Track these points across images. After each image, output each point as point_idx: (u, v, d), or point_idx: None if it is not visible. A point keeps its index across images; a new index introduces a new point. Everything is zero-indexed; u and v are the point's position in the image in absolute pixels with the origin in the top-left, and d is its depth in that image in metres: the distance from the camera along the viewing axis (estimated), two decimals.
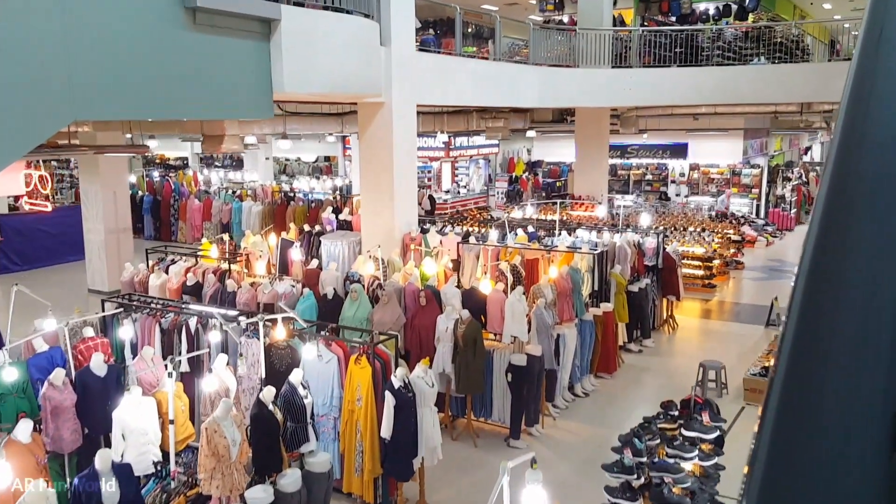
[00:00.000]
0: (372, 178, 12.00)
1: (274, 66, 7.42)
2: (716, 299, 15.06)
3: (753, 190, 24.26)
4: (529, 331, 8.67)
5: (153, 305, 8.14)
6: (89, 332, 6.98)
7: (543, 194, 25.61)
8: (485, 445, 8.35)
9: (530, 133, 22.16)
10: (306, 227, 13.21)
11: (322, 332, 7.11)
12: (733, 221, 21.17)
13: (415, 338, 8.63)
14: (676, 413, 5.94)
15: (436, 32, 24.91)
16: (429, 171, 29.65)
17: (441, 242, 11.73)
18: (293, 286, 9.72)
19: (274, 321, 7.10)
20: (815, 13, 28.86)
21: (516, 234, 12.78)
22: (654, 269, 12.61)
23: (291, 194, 21.50)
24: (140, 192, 23.60)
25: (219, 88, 7.06)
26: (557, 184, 25.71)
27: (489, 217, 19.42)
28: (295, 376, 5.99)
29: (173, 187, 23.41)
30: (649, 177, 26.24)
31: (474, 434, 8.48)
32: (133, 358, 8.08)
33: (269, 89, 7.46)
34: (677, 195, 25.21)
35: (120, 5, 6.14)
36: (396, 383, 6.26)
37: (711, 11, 21.99)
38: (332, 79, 8.08)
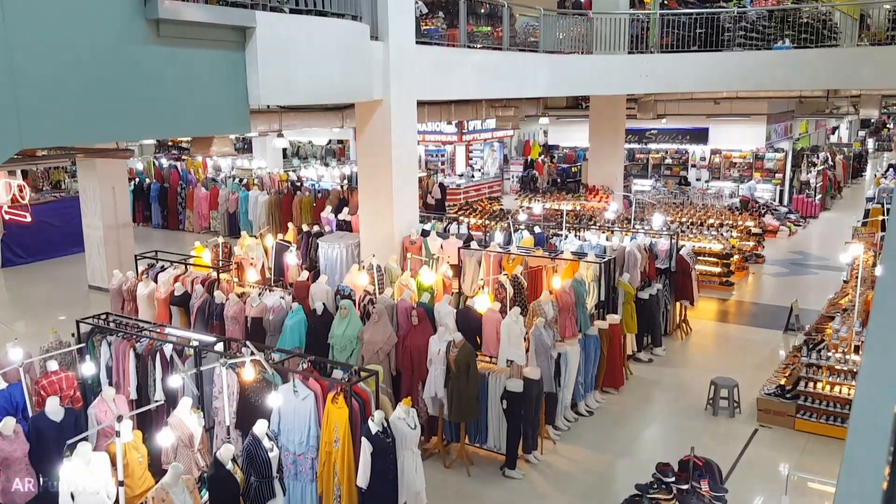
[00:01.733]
0: (370, 178, 11.51)
1: (249, 77, 6.91)
2: (733, 299, 14.43)
3: (777, 175, 23.38)
4: (528, 352, 8.18)
5: (128, 329, 7.76)
6: (53, 365, 6.61)
7: (558, 180, 24.91)
8: (479, 475, 7.91)
9: (543, 120, 21.44)
10: (305, 227, 12.76)
11: (301, 364, 6.67)
12: (754, 211, 20.39)
13: (406, 358, 8.18)
14: (673, 479, 5.42)
15: (446, 14, 24.21)
16: (442, 155, 29.06)
17: (441, 247, 11.24)
18: (283, 298, 9.30)
19: (255, 349, 6.68)
20: None
21: (521, 236, 12.24)
22: (667, 271, 12.03)
23: (299, 183, 21.04)
24: (148, 180, 23.30)
25: (189, 104, 6.57)
26: (573, 169, 24.98)
27: (500, 209, 18.85)
28: (259, 427, 5.57)
29: (181, 174, 23.07)
30: (669, 161, 25.42)
31: (468, 461, 8.04)
32: (110, 383, 7.76)
33: (245, 101, 6.95)
34: (698, 180, 24.40)
35: (72, 19, 5.65)
36: (374, 428, 5.82)
37: None
38: (315, 86, 7.56)
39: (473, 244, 11.12)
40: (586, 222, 15.87)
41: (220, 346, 7.20)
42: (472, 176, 28.77)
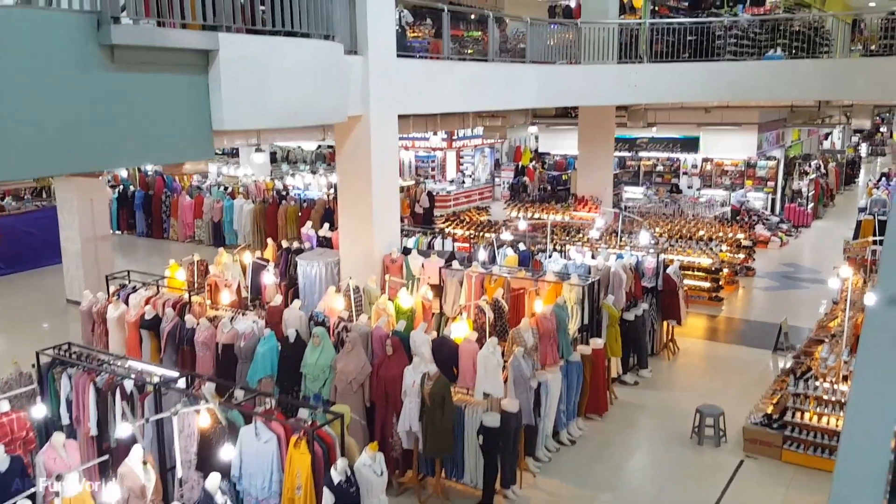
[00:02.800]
0: (350, 195, 11.22)
1: (213, 101, 6.61)
2: (722, 315, 14.18)
3: (769, 183, 23.16)
4: (506, 382, 7.91)
5: (89, 361, 7.46)
6: (4, 406, 6.30)
7: (548, 187, 24.66)
8: None
9: (532, 129, 21.17)
10: (284, 244, 12.46)
11: (267, 403, 6.39)
12: (746, 220, 20.15)
13: (381, 389, 7.90)
14: None
15: (434, 20, 23.95)
16: (432, 161, 28.80)
17: (423, 266, 10.95)
18: (255, 323, 9.01)
19: (216, 390, 6.40)
20: None
21: (505, 254, 11.97)
22: (654, 290, 11.77)
23: (284, 192, 20.73)
24: (132, 187, 22.97)
25: (148, 131, 6.28)
26: (563, 176, 24.72)
27: (487, 219, 18.58)
28: (211, 482, 5.29)
29: (165, 182, 22.73)
30: (660, 168, 25.19)
31: (444, 497, 7.77)
32: (70, 417, 7.48)
33: (208, 127, 6.66)
34: (689, 187, 24.16)
35: (20, 47, 5.35)
36: (336, 477, 5.54)
37: None
38: (284, 110, 7.27)
39: (455, 264, 10.84)
40: (573, 236, 15.63)
41: (183, 382, 6.92)
42: (463, 182, 28.51)
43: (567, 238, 15.90)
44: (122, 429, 5.70)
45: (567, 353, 9.02)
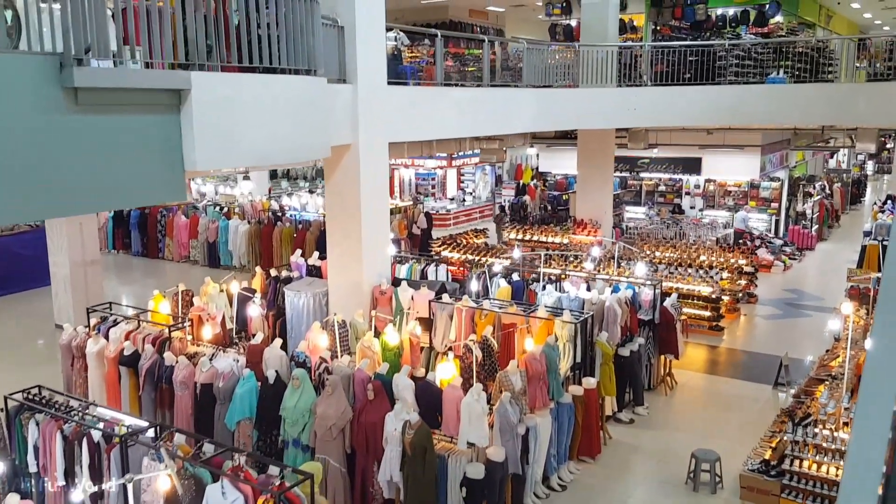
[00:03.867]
0: (338, 225, 10.98)
1: (185, 142, 6.36)
2: (723, 345, 13.84)
3: (773, 204, 22.83)
4: (492, 428, 7.61)
5: (57, 407, 7.19)
6: None
7: (549, 207, 24.39)
8: None
9: (531, 150, 20.91)
10: (273, 272, 12.21)
11: (236, 457, 6.10)
12: (748, 244, 19.82)
13: (361, 435, 7.60)
14: None
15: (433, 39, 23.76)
16: (433, 179, 28.59)
17: (412, 299, 10.67)
18: (236, 361, 8.74)
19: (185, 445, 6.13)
20: (843, 13, 27.14)
21: (498, 285, 11.69)
22: (651, 323, 11.46)
23: (280, 213, 20.50)
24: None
25: (116, 175, 6.02)
26: (564, 196, 24.44)
27: (485, 243, 18.31)
28: None
29: None
30: (663, 188, 24.90)
31: None
32: (38, 464, 7.21)
33: (180, 168, 6.41)
34: (692, 208, 23.86)
35: None
36: None
37: (731, 13, 20.56)
38: (260, 149, 7.01)
39: (445, 297, 10.56)
40: (570, 263, 15.33)
41: (152, 432, 6.64)
42: (464, 200, 28.29)
43: (564, 264, 15.64)
44: (76, 495, 5.42)
45: (558, 394, 8.71)
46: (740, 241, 20.26)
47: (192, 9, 6.27)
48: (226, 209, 21.06)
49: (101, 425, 6.80)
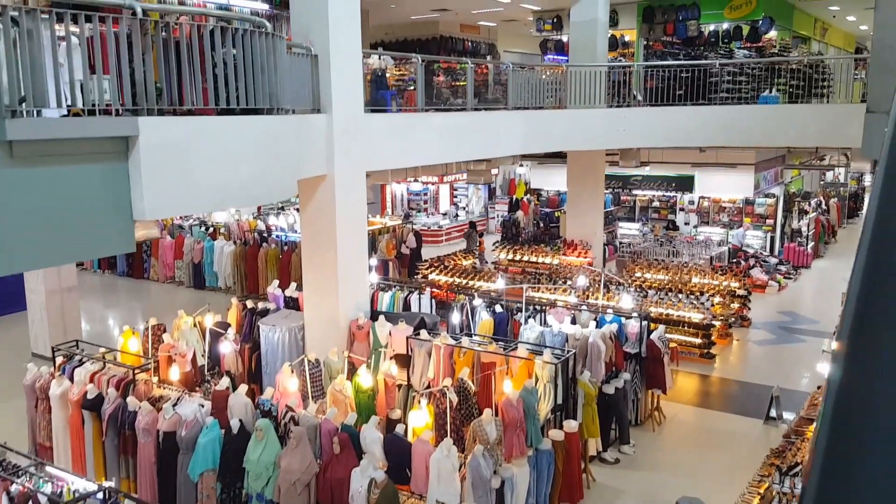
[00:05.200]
0: (314, 257, 10.65)
1: (133, 190, 6.03)
2: (714, 374, 13.48)
3: (768, 221, 22.49)
4: (464, 482, 7.26)
5: (5, 467, 6.85)
6: None
7: (541, 224, 24.05)
8: None
9: (521, 169, 20.59)
10: (249, 304, 11.85)
11: None
12: (742, 263, 19.48)
13: (327, 491, 7.26)
14: None
15: (417, 52, 23.46)
16: (425, 194, 28.29)
17: (390, 334, 10.32)
18: (201, 407, 8.39)
19: None
20: (839, 25, 26.85)
21: (480, 318, 11.34)
22: (637, 356, 11.11)
23: (266, 234, 20.17)
24: None
25: (59, 228, 5.68)
26: (556, 213, 24.09)
27: (473, 265, 17.96)
28: None
29: None
30: (657, 204, 24.57)
31: None
32: None
33: (129, 218, 6.07)
34: (686, 224, 23.52)
35: None
36: None
37: (723, 28, 20.24)
38: (216, 194, 6.68)
39: (423, 333, 10.20)
40: (558, 287, 14.99)
41: (101, 495, 6.29)
42: (456, 215, 27.96)
43: (553, 289, 15.30)
44: None
45: (536, 441, 8.35)
46: (734, 259, 19.93)
47: (139, 50, 5.94)
48: (211, 229, 20.71)
49: (48, 488, 6.45)
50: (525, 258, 19.11)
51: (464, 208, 28.75)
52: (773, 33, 20.57)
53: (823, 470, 0.92)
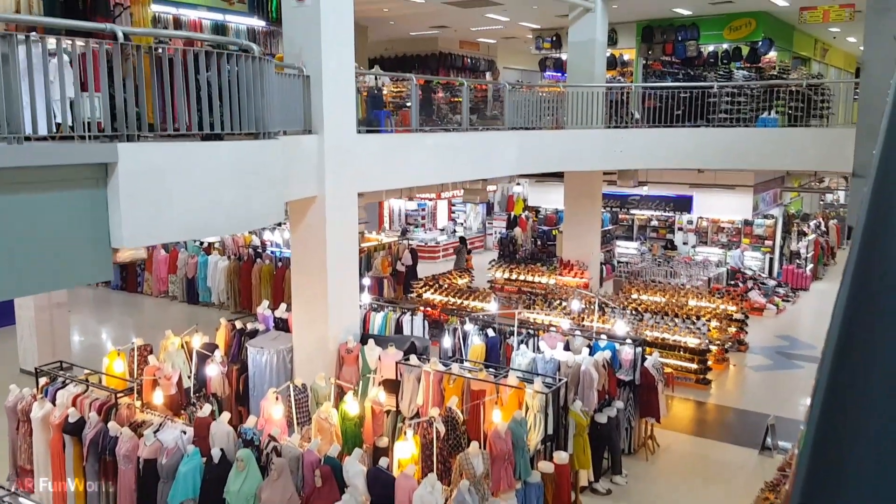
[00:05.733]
0: (303, 280, 10.51)
1: (112, 217, 5.89)
2: (710, 401, 13.29)
3: (766, 242, 22.35)
4: None
5: None
6: None
7: (538, 242, 23.90)
8: None
9: (517, 188, 20.48)
10: (238, 325, 11.69)
11: None
12: (740, 285, 19.32)
13: None
14: None
15: (416, 68, 23.37)
16: (423, 209, 28.17)
17: (379, 359, 10.16)
18: (183, 433, 8.21)
19: None
20: (839, 46, 26.82)
21: (472, 343, 11.18)
22: (631, 384, 10.94)
23: (261, 249, 20.03)
24: None
25: (35, 257, 5.53)
26: (553, 232, 23.95)
27: (468, 285, 17.80)
28: None
29: None
30: (655, 223, 24.44)
31: None
32: None
33: (107, 246, 5.93)
34: (685, 244, 23.39)
35: None
36: None
37: (723, 48, 20.15)
38: (200, 220, 6.53)
39: (413, 358, 10.03)
40: (554, 308, 14.84)
41: None
42: (454, 231, 27.82)
43: (548, 310, 15.15)
44: None
45: (525, 473, 8.17)
46: (732, 281, 19.77)
47: (120, 74, 5.82)
48: (206, 244, 20.57)
49: None
50: (521, 277, 18.95)
51: (462, 224, 28.62)
52: (772, 54, 20.52)
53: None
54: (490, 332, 11.49)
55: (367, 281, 14.82)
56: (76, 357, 14.85)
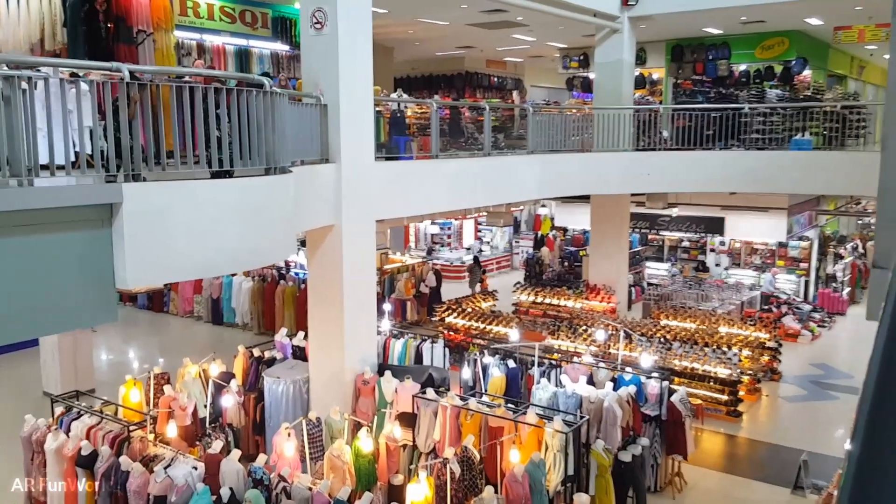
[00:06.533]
0: (319, 309, 10.37)
1: (116, 258, 5.79)
2: (741, 434, 12.82)
3: (801, 264, 21.73)
4: None
5: None
6: None
7: (566, 263, 23.54)
8: None
9: (543, 210, 20.19)
10: (256, 352, 11.58)
11: None
12: (774, 309, 18.77)
13: None
14: None
15: (443, 87, 23.25)
16: (449, 228, 27.98)
17: (396, 391, 9.95)
18: (194, 469, 8.07)
19: None
20: (877, 62, 26.13)
21: (491, 375, 10.92)
22: (657, 419, 10.56)
23: (285, 270, 20.00)
24: None
25: (38, 299, 5.44)
26: (581, 253, 23.57)
27: (491, 309, 17.51)
28: None
29: None
30: (686, 243, 23.93)
31: None
32: None
33: (111, 287, 5.82)
34: (717, 265, 22.84)
35: None
36: None
37: (755, 68, 19.70)
38: (207, 259, 6.41)
39: (430, 391, 9.79)
40: (579, 335, 14.52)
41: None
42: (480, 250, 27.57)
43: (573, 337, 14.83)
44: None
45: None
46: (766, 306, 19.20)
47: (125, 115, 5.73)
48: None
49: None
50: (546, 301, 18.62)
51: (488, 243, 28.37)
52: (807, 72, 20.03)
53: None
54: (511, 363, 11.21)
55: (387, 307, 14.62)
56: (99, 379, 14.93)
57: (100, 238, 5.74)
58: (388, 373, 10.24)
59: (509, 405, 9.56)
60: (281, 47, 14.60)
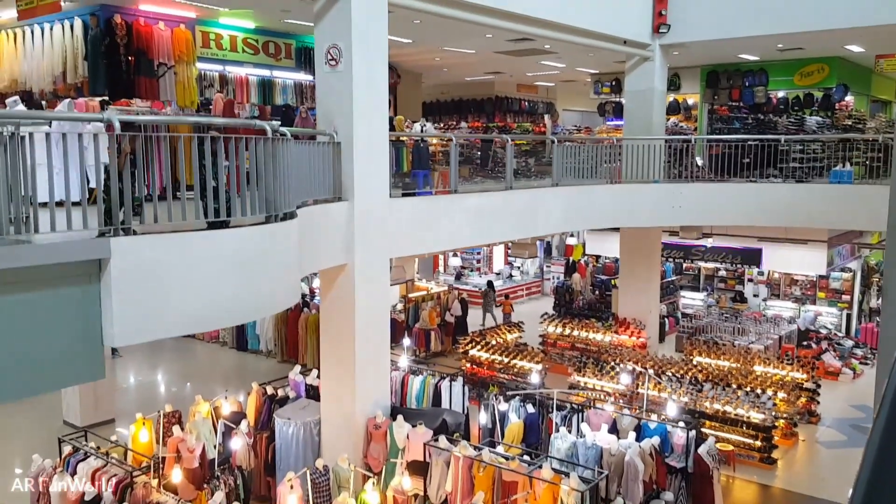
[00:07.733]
0: (331, 350, 10.12)
1: (104, 315, 5.58)
2: (776, 484, 12.16)
3: (843, 297, 20.85)
4: None
5: None
6: None
7: (596, 292, 22.98)
8: None
9: (571, 240, 19.72)
10: (269, 390, 11.35)
11: None
12: (813, 346, 17.97)
13: None
14: None
15: (473, 112, 22.98)
16: (478, 253, 27.63)
17: (407, 437, 9.61)
18: None
19: None
20: None
21: (508, 421, 10.51)
22: (683, 471, 10.03)
23: (309, 298, 19.85)
24: None
25: (22, 360, 5.25)
26: (612, 282, 22.99)
27: (516, 341, 17.07)
28: None
29: None
30: (723, 273, 23.19)
31: None
32: None
33: (98, 344, 5.61)
34: (755, 296, 22.06)
35: None
36: None
37: (794, 95, 19.01)
38: (202, 313, 6.17)
39: (443, 439, 9.42)
40: (606, 373, 14.02)
41: None
42: (511, 275, 27.15)
43: (600, 374, 14.34)
44: None
45: None
46: (805, 341, 18.40)
47: (115, 168, 5.55)
48: None
49: None
50: (574, 333, 18.09)
51: (518, 268, 27.92)
52: (849, 97, 19.30)
53: None
54: (530, 408, 10.78)
55: (406, 342, 14.31)
56: (120, 408, 14.87)
57: (87, 294, 5.54)
58: (400, 417, 9.90)
59: (525, 457, 9.13)
60: (304, 77, 14.50)
